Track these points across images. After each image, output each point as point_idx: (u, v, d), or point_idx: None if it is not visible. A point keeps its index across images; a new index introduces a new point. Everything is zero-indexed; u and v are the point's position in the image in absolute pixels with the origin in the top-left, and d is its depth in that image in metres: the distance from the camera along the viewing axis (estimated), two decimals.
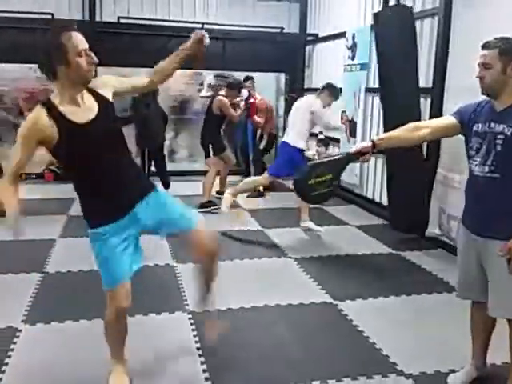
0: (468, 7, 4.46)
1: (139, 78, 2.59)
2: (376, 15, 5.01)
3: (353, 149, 2.63)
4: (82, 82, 2.19)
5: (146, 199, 2.41)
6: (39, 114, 2.15)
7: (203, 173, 6.40)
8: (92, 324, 3.13)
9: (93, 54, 2.17)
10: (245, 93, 6.79)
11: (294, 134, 5.17)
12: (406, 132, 2.58)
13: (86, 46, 2.16)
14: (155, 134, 6.75)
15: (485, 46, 2.27)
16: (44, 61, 2.16)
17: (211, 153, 6.22)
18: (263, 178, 5.43)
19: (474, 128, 2.34)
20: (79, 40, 2.14)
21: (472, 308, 2.59)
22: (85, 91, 2.25)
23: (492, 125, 2.27)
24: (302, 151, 5.18)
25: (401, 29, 4.74)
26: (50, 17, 7.09)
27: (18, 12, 7.03)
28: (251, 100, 7.04)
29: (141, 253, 2.48)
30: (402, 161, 4.79)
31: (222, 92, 6.25)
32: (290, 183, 6.57)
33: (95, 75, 2.28)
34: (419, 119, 4.68)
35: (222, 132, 6.39)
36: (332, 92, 5.24)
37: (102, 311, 3.20)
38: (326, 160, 3.01)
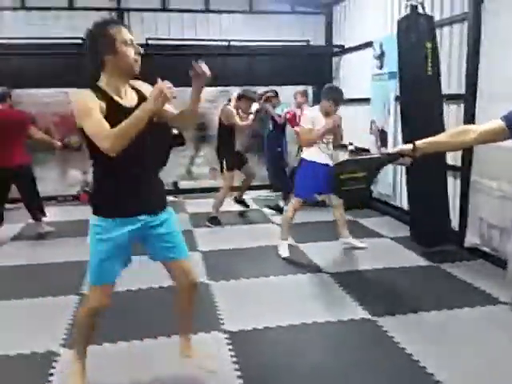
0: (497, 12, 4.35)
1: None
2: (398, 23, 4.93)
3: (392, 150, 2.56)
4: (128, 71, 2.28)
5: (162, 216, 2.49)
6: (88, 92, 2.21)
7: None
8: (130, 345, 3.13)
9: (138, 46, 2.29)
10: (255, 106, 6.71)
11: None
12: (451, 136, 2.47)
13: (132, 37, 2.28)
14: None
15: None
16: (92, 51, 2.25)
17: (224, 168, 6.21)
18: (291, 203, 5.00)
19: None
20: (125, 31, 2.27)
21: None
22: (128, 87, 2.34)
23: None
24: (308, 162, 4.86)
25: (420, 37, 4.61)
26: (80, 41, 7.25)
27: (49, 38, 7.23)
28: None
29: (130, 256, 2.54)
30: (422, 168, 4.57)
31: (232, 103, 6.31)
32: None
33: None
34: (443, 127, 4.58)
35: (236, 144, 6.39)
36: (326, 96, 4.88)
37: (142, 333, 3.25)
38: (361, 157, 2.94)
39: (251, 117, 6.36)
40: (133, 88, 2.38)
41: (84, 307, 2.56)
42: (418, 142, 2.46)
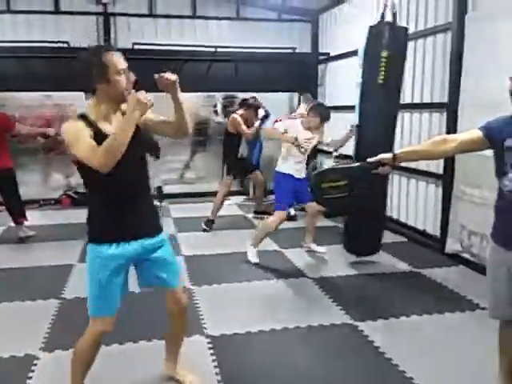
0: (480, 22, 4.43)
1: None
2: (368, 30, 4.70)
3: (372, 159, 2.57)
4: (119, 99, 2.28)
5: (159, 240, 2.47)
6: (76, 120, 2.22)
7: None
8: (111, 349, 3.10)
9: (131, 74, 2.28)
10: (261, 112, 6.77)
11: (279, 159, 4.99)
12: (431, 146, 2.51)
13: (125, 65, 2.27)
14: None
15: None
16: (84, 77, 2.24)
17: (224, 174, 6.30)
18: (275, 216, 4.91)
19: (506, 144, 2.24)
20: (119, 59, 2.25)
21: (501, 327, 2.50)
22: (118, 113, 2.33)
23: None
24: (284, 174, 4.87)
25: (379, 46, 4.48)
26: (65, 45, 7.24)
27: (35, 41, 7.19)
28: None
29: (128, 282, 2.48)
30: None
31: (239, 111, 6.33)
32: None
33: None
34: (391, 137, 4.57)
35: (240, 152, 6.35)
36: (317, 112, 4.87)
37: (120, 336, 3.22)
38: (341, 166, 2.98)
39: (257, 124, 6.31)
40: (123, 114, 2.33)
41: (84, 338, 2.44)
42: (397, 152, 2.51)
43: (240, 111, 6.32)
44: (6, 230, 6.14)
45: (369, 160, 2.57)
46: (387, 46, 4.44)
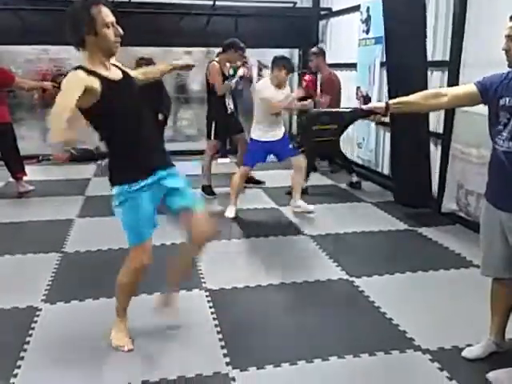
0: None
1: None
2: None
3: (365, 106, 2.61)
4: (108, 52, 2.38)
5: (169, 171, 2.62)
6: (78, 72, 2.30)
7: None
8: (112, 301, 3.17)
9: (119, 27, 2.35)
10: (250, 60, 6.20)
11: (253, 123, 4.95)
12: (423, 98, 2.51)
13: (113, 19, 2.34)
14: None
15: None
16: (73, 30, 2.31)
17: (212, 134, 5.54)
18: (240, 172, 5.07)
19: (501, 102, 2.24)
20: (107, 13, 2.33)
21: (493, 284, 2.56)
22: (109, 65, 2.44)
23: None
24: (255, 141, 4.89)
25: (408, 2, 4.59)
26: None
27: None
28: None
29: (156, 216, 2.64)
30: (406, 133, 4.81)
31: (218, 57, 5.59)
32: None
33: None
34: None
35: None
36: (279, 66, 4.69)
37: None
38: (334, 110, 3.01)
39: (233, 82, 5.54)
40: (114, 65, 2.50)
41: (127, 269, 2.63)
42: (390, 102, 2.53)
43: (218, 57, 5.58)
44: (6, 185, 6.16)
45: (362, 107, 2.61)
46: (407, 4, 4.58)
